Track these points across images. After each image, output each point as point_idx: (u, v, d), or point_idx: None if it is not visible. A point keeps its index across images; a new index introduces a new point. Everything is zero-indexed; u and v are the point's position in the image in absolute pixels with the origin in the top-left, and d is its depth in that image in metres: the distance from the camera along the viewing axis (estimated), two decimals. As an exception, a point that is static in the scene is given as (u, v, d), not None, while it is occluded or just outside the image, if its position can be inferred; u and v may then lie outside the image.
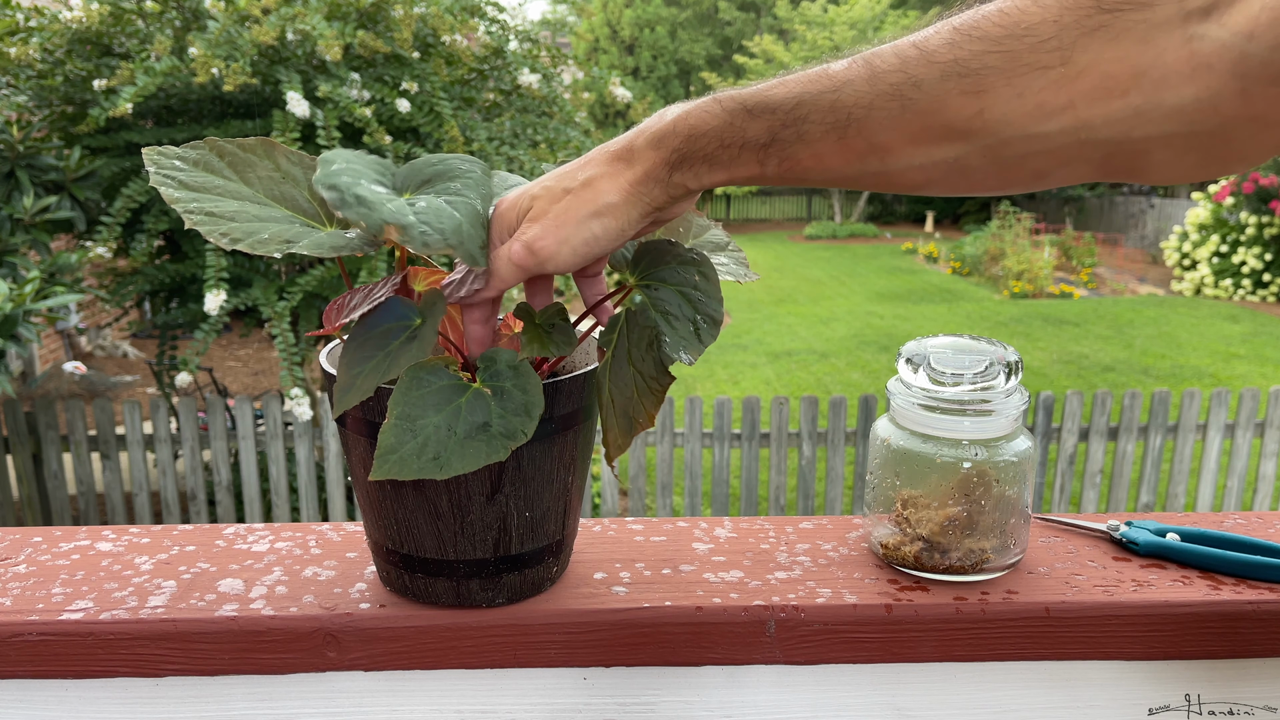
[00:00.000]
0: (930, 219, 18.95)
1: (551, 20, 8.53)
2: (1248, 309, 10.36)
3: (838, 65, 0.52)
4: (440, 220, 0.55)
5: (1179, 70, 0.44)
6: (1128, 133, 0.46)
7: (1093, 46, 0.45)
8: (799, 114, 0.52)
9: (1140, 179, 0.50)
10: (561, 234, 0.56)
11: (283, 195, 0.62)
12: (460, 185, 0.58)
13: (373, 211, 0.53)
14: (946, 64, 0.48)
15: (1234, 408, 5.63)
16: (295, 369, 3.40)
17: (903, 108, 0.49)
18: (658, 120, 0.56)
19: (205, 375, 5.76)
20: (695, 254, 0.59)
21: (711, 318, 0.57)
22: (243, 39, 3.29)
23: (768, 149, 0.53)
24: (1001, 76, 0.47)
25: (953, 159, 0.50)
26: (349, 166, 0.57)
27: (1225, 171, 0.48)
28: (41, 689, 0.65)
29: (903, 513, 0.69)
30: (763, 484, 4.93)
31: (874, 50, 0.51)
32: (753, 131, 0.53)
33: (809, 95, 0.51)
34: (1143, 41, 0.44)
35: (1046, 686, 0.69)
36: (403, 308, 0.59)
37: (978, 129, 0.48)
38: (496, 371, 0.58)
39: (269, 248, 0.57)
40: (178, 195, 0.59)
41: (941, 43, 0.48)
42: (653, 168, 0.56)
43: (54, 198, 3.41)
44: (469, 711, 0.67)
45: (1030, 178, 0.51)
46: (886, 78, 0.49)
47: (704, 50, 23.43)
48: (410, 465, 0.55)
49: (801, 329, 9.57)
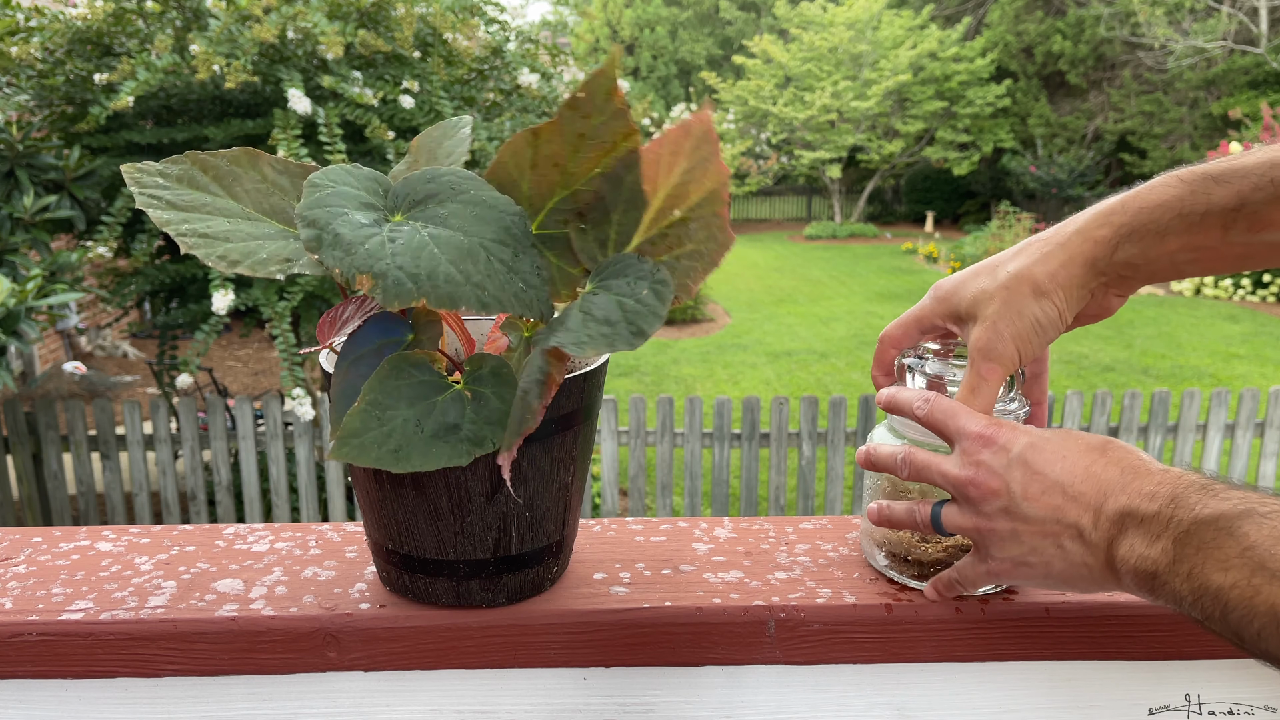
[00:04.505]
0: (930, 219, 18.94)
1: (552, 21, 8.52)
2: (1248, 309, 10.36)
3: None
4: (417, 263, 0.52)
5: None
6: None
7: None
8: (1274, 175, 0.54)
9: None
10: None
11: (272, 208, 0.60)
12: (449, 211, 0.55)
13: (347, 255, 0.51)
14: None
15: (1234, 408, 5.62)
16: (296, 369, 3.40)
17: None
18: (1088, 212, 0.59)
19: (205, 375, 5.76)
20: (659, 272, 0.56)
21: (639, 329, 0.53)
22: (244, 37, 3.29)
23: (1236, 213, 0.55)
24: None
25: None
26: (335, 191, 0.55)
27: None
28: (41, 689, 0.65)
29: None
30: (763, 484, 4.93)
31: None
32: (1219, 197, 0.55)
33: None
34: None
35: (1046, 686, 0.69)
36: (393, 323, 0.58)
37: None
38: (479, 376, 0.57)
39: (269, 268, 0.55)
40: (167, 217, 0.57)
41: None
42: (1093, 247, 0.59)
43: (54, 197, 3.41)
44: (469, 712, 0.67)
45: None
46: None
47: (704, 50, 23.43)
48: (369, 453, 0.53)
49: (801, 329, 9.57)
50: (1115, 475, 0.55)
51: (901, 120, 18.43)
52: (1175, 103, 17.43)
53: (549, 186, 0.58)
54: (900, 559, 0.69)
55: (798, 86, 18.49)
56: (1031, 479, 0.56)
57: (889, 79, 17.52)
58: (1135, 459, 0.56)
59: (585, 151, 0.56)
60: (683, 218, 0.58)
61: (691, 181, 0.57)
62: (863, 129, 18.43)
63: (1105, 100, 18.73)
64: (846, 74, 18.12)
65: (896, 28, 18.39)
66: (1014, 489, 0.56)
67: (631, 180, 0.57)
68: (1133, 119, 17.94)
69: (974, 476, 0.58)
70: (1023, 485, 0.56)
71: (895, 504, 0.65)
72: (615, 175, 0.57)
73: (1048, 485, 0.56)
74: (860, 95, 17.78)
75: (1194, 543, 0.49)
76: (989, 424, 0.60)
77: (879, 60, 18.04)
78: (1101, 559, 0.54)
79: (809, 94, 18.06)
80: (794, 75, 18.52)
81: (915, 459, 0.62)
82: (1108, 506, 0.54)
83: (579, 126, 0.55)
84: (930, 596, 0.65)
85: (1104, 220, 0.59)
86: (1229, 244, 0.57)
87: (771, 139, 19.34)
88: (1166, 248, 0.58)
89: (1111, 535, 0.53)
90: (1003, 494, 0.57)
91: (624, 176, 0.57)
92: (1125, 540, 0.53)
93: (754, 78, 18.89)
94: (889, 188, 21.40)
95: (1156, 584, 0.51)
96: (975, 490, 0.58)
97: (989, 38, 19.01)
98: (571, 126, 0.55)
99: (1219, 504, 0.49)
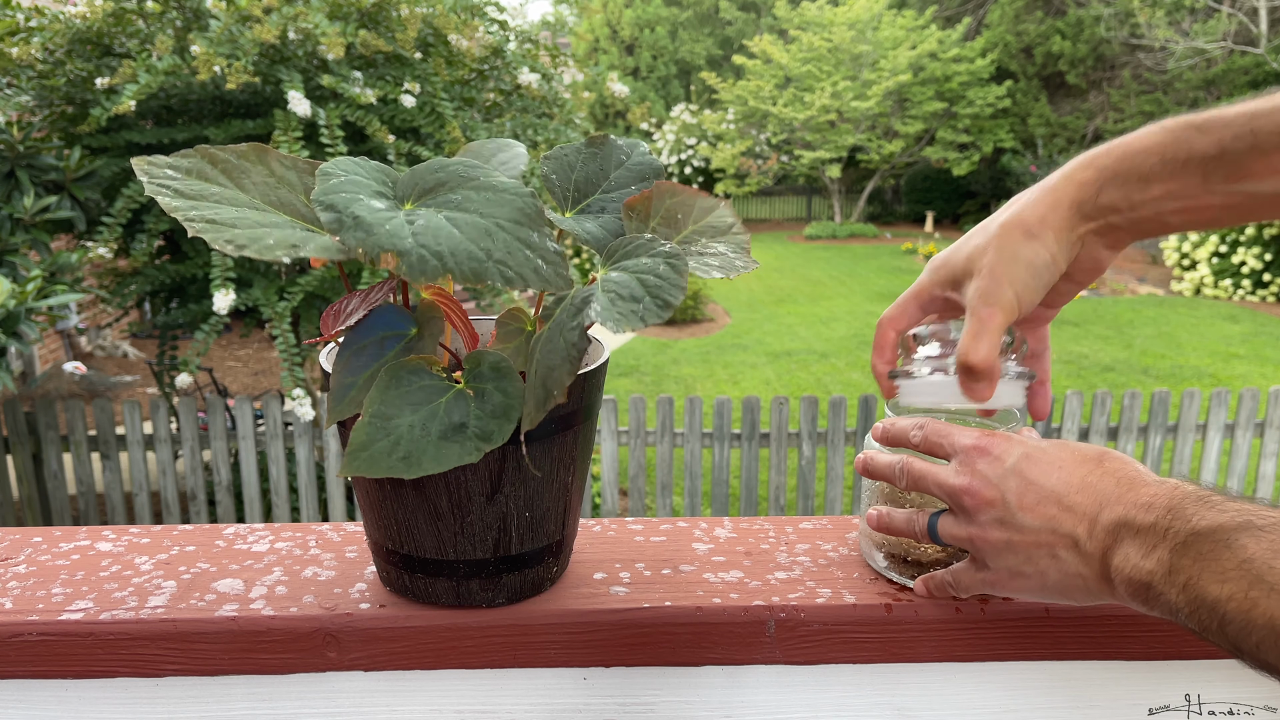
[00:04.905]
0: (930, 219, 18.94)
1: (552, 21, 8.51)
2: (1247, 309, 10.36)
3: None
4: (439, 241, 0.53)
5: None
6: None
7: None
8: (1254, 126, 0.54)
9: None
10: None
11: (280, 201, 0.61)
12: (462, 197, 0.56)
13: (370, 235, 0.52)
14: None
15: (1234, 408, 5.62)
16: (296, 369, 3.40)
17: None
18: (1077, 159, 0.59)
19: (205, 375, 5.76)
20: (671, 250, 0.58)
21: (664, 300, 0.54)
22: (244, 38, 3.29)
23: (1216, 160, 0.56)
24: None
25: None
26: (349, 179, 0.56)
27: None
28: (41, 689, 0.65)
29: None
30: (763, 484, 4.93)
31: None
32: (1200, 145, 0.56)
33: (1264, 109, 0.55)
34: None
35: (1046, 686, 0.69)
36: (396, 316, 0.58)
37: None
38: (479, 373, 0.58)
39: (275, 252, 0.56)
40: (176, 204, 0.57)
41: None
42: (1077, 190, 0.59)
43: (54, 198, 3.41)
44: (469, 712, 0.67)
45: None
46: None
47: (704, 50, 23.43)
48: (380, 463, 0.54)
49: (801, 329, 9.56)
50: (1111, 486, 0.55)
51: (901, 120, 18.43)
52: (1175, 103, 17.43)
53: None
54: (900, 560, 0.69)
55: (798, 87, 18.48)
56: (1027, 489, 0.56)
57: (889, 79, 17.51)
58: (1131, 470, 0.56)
59: None
60: None
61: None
62: (863, 129, 18.43)
63: (1105, 100, 18.74)
64: (846, 74, 18.12)
65: (897, 28, 18.39)
66: (1009, 499, 0.57)
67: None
68: (1133, 119, 17.94)
69: (969, 486, 0.58)
70: (1018, 495, 0.56)
71: (895, 512, 0.65)
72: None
73: (1043, 495, 0.56)
74: (860, 95, 17.77)
75: (1191, 554, 0.49)
76: (985, 435, 0.60)
77: (879, 60, 18.04)
78: (1096, 569, 0.54)
79: (809, 94, 18.05)
80: (794, 75, 18.51)
81: (912, 468, 0.62)
82: (1103, 517, 0.54)
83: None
84: (920, 593, 0.66)
85: (1089, 163, 0.60)
86: (1210, 193, 0.57)
87: (771, 139, 19.32)
88: (1150, 194, 0.58)
89: (1107, 545, 0.53)
90: (998, 504, 0.57)
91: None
92: (1120, 551, 0.52)
93: (754, 78, 18.89)
94: (889, 188, 21.40)
95: (1151, 595, 0.51)
96: (970, 500, 0.58)
97: (989, 38, 19.01)
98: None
99: (1217, 516, 0.49)
